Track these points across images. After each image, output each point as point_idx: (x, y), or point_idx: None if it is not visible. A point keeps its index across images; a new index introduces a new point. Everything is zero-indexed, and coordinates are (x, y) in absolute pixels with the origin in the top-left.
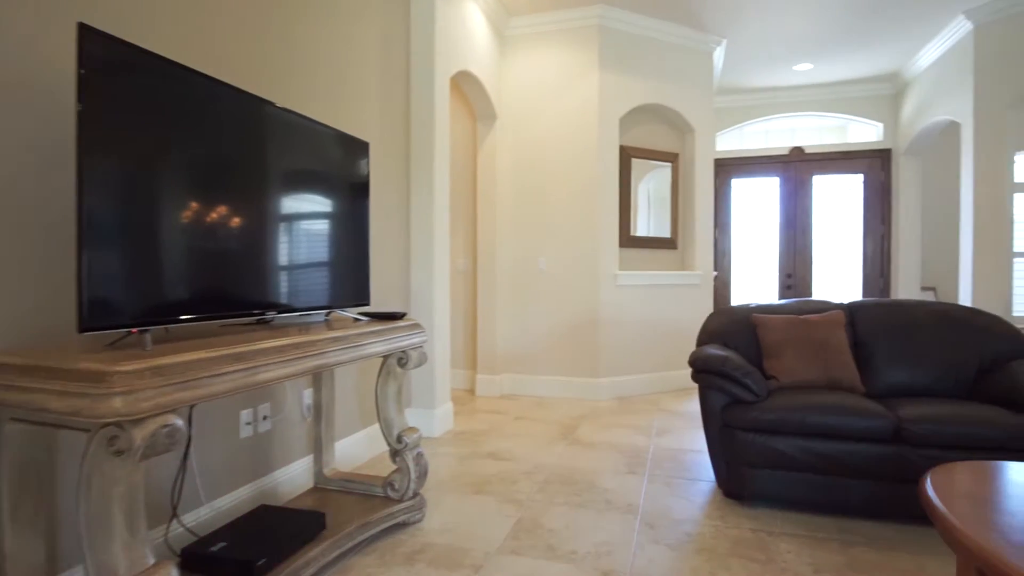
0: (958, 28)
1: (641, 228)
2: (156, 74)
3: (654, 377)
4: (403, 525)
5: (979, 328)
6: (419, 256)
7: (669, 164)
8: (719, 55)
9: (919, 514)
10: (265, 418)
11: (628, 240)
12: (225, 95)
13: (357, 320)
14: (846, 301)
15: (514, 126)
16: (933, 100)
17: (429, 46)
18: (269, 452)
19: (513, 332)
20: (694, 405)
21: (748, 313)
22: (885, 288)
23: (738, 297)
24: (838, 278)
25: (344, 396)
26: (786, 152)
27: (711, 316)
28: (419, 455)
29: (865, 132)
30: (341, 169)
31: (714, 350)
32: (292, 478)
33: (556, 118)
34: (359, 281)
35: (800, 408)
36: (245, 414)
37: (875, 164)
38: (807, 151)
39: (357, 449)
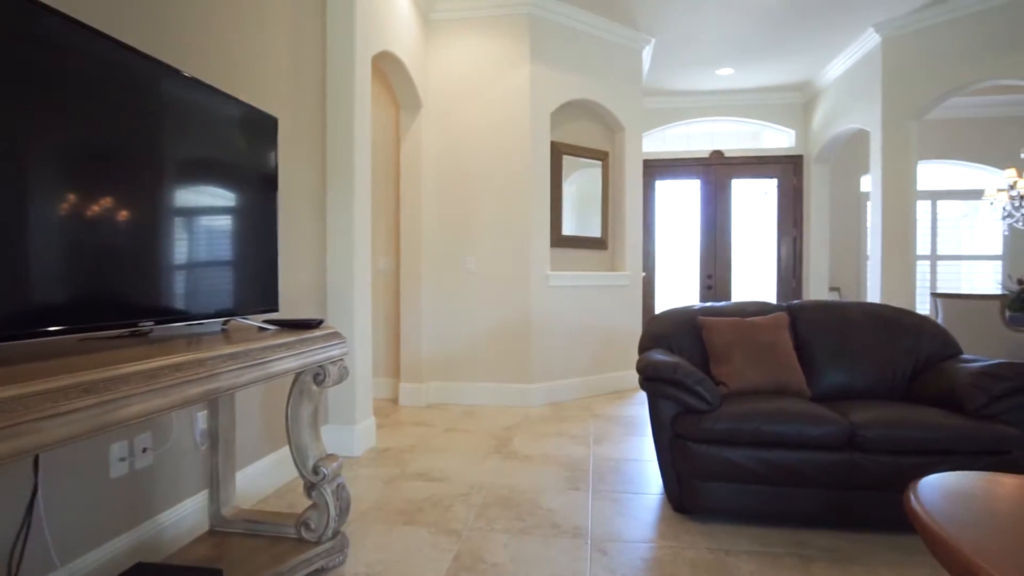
0: (867, 41)
1: (570, 227)
2: None
3: (586, 381)
4: (321, 572)
5: (910, 328)
6: (338, 254)
7: (599, 162)
8: (647, 54)
9: (870, 521)
10: (145, 451)
11: (559, 240)
12: (88, 44)
13: (263, 329)
14: (784, 302)
15: (440, 116)
16: (843, 109)
17: (349, 18)
18: (151, 492)
19: (440, 337)
20: (628, 409)
21: (693, 315)
22: (797, 289)
23: (662, 299)
24: (755, 279)
25: (247, 417)
26: (707, 155)
27: (653, 319)
28: (340, 487)
29: (778, 138)
30: (243, 149)
31: (662, 356)
32: (182, 521)
33: (485, 109)
34: (265, 283)
35: (754, 416)
36: (117, 448)
37: (788, 169)
38: (726, 155)
39: (264, 478)
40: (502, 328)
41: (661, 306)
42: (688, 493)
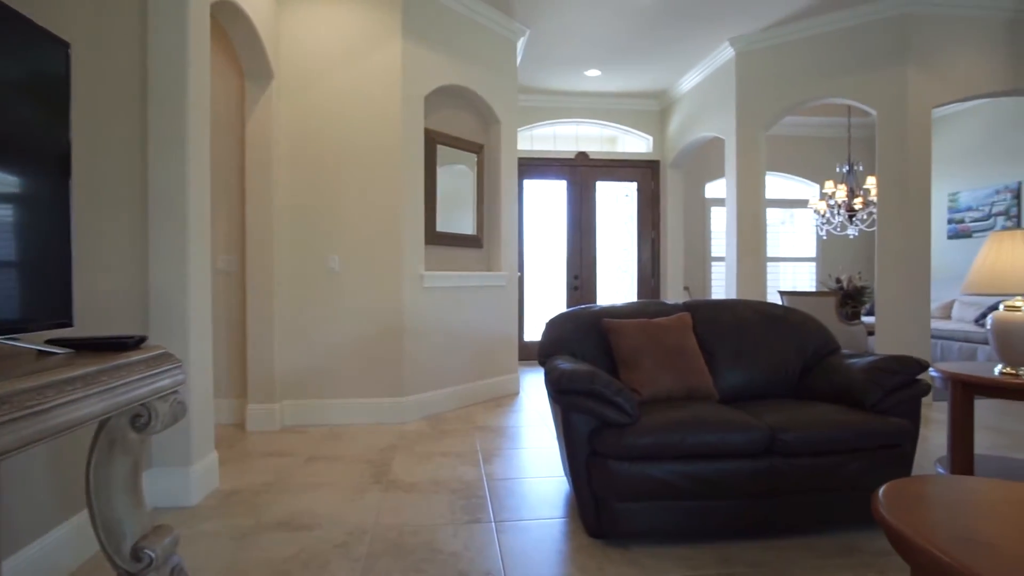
0: (722, 53)
1: (445, 223)
2: None
3: (464, 390)
4: None
5: (797, 326)
6: (165, 251)
7: (475, 155)
8: (521, 47)
9: (789, 527)
10: None
11: (434, 237)
12: None
13: (46, 354)
14: (680, 301)
15: (297, 90)
16: (698, 118)
17: None
18: None
19: (297, 348)
20: (511, 418)
21: (595, 318)
22: (656, 289)
23: (531, 300)
24: (618, 280)
25: (27, 475)
26: (573, 156)
27: (553, 322)
28: (177, 571)
29: (636, 143)
30: (13, 93)
31: (571, 364)
32: None
33: (351, 86)
34: (51, 287)
35: (678, 427)
36: None
37: (647, 174)
38: (591, 157)
39: (56, 556)
40: (371, 335)
41: (531, 308)
42: (607, 517)
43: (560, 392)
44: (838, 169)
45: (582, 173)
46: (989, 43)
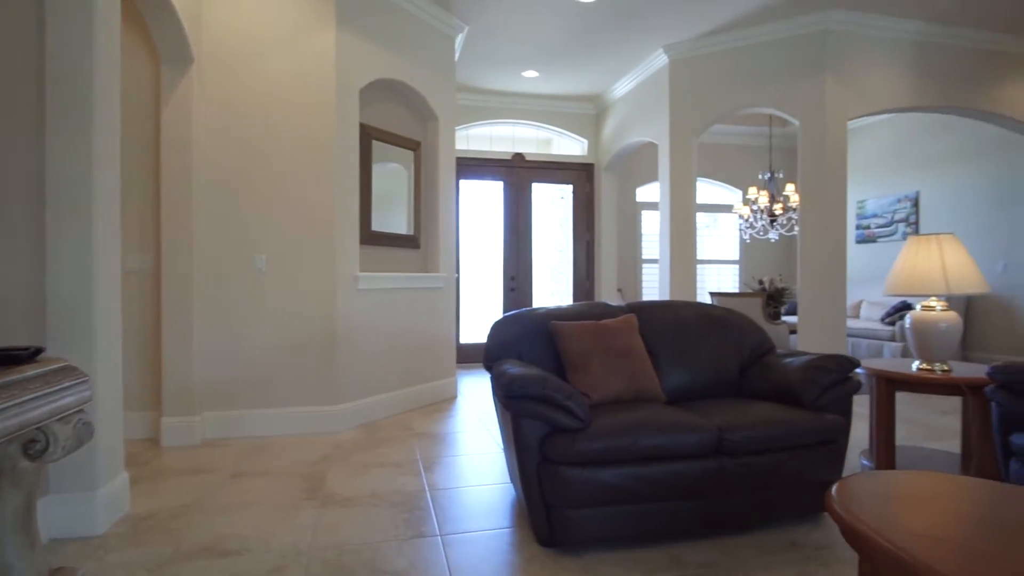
0: (656, 60)
1: (380, 223)
2: None
3: (400, 395)
4: None
5: (734, 326)
6: (66, 248)
7: (412, 152)
8: (460, 44)
9: (735, 525)
10: None
11: (369, 236)
12: None
13: None
14: (624, 303)
15: (221, 76)
16: (633, 122)
17: None
18: None
19: (220, 355)
20: (449, 424)
21: (542, 320)
22: (591, 290)
23: (468, 301)
24: (554, 281)
25: None
26: (509, 157)
27: (499, 325)
28: None
29: (571, 146)
30: None
31: (519, 368)
32: None
33: (281, 75)
34: None
35: (630, 430)
36: None
37: (582, 176)
38: (527, 158)
39: None
40: (302, 340)
41: (467, 310)
42: (559, 524)
43: (511, 398)
44: (760, 176)
45: (518, 174)
46: (897, 62)
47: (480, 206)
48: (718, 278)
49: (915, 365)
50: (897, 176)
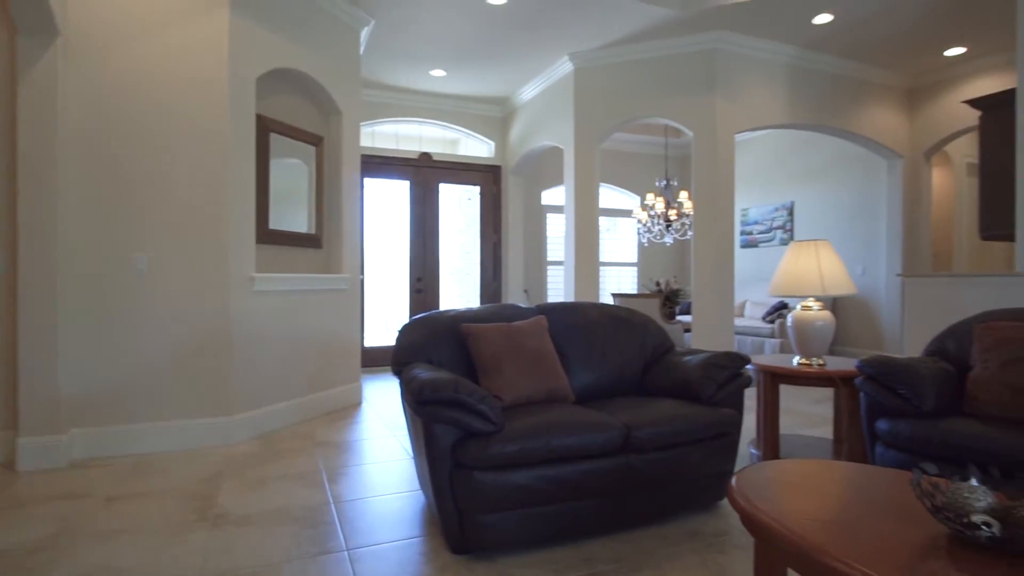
0: (562, 67)
1: (278, 221)
2: None
3: (302, 403)
4: None
5: (638, 326)
6: None
7: (314, 147)
8: (365, 37)
9: (642, 519)
10: None
11: (267, 235)
12: None
13: None
14: (534, 305)
15: (94, 54)
16: (539, 126)
17: None
18: None
19: (93, 365)
20: (355, 431)
21: (452, 322)
22: (497, 292)
23: (372, 303)
24: (461, 283)
25: None
26: (416, 157)
27: (408, 327)
28: None
29: (478, 147)
30: None
31: (429, 372)
32: None
33: (167, 57)
34: None
35: (543, 431)
36: None
37: (489, 178)
38: (434, 158)
39: None
40: (190, 347)
41: (372, 312)
42: (472, 530)
43: (422, 403)
44: (657, 183)
45: (425, 174)
46: (775, 82)
47: (386, 206)
48: (618, 280)
49: (795, 360)
50: (775, 187)
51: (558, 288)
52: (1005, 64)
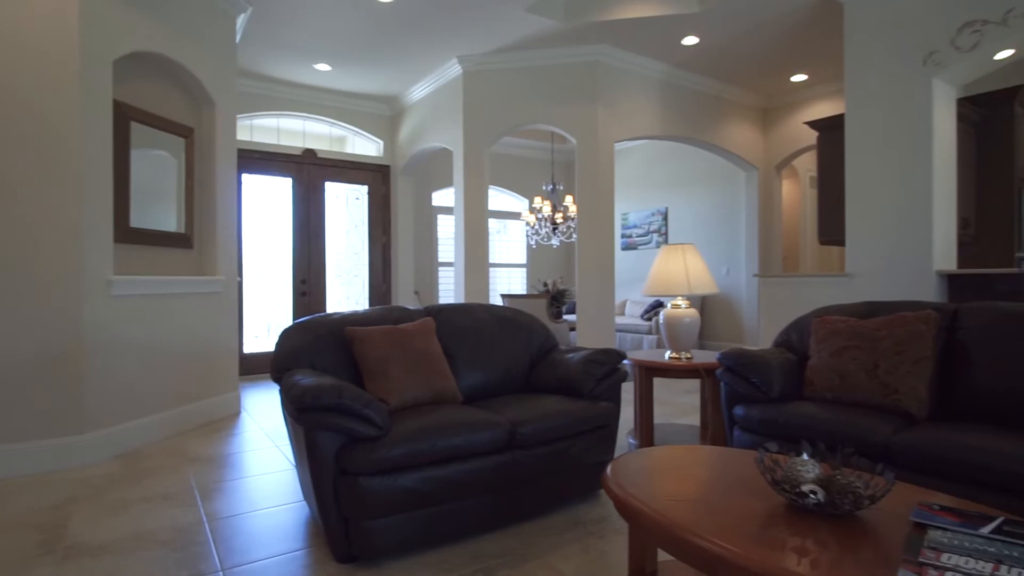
0: (451, 69)
1: (141, 218)
2: None
3: (171, 416)
4: None
5: (524, 326)
6: None
7: (183, 139)
8: (242, 24)
9: (528, 512)
10: None
11: (127, 234)
12: None
13: None
14: (421, 305)
15: None
16: (428, 127)
17: None
18: None
19: None
20: (233, 443)
21: (338, 326)
22: (387, 294)
23: (252, 307)
24: (349, 285)
25: None
26: (299, 153)
27: (289, 332)
28: None
29: (367, 146)
30: None
31: (311, 378)
32: None
33: (3, 31)
34: None
35: (429, 433)
36: None
37: (378, 178)
38: (320, 155)
39: None
40: (33, 359)
41: (252, 316)
42: (358, 538)
43: (303, 410)
44: (544, 187)
45: (310, 172)
46: (650, 96)
47: (267, 204)
48: (509, 280)
49: (667, 355)
50: (651, 193)
51: (449, 289)
52: (838, 91)
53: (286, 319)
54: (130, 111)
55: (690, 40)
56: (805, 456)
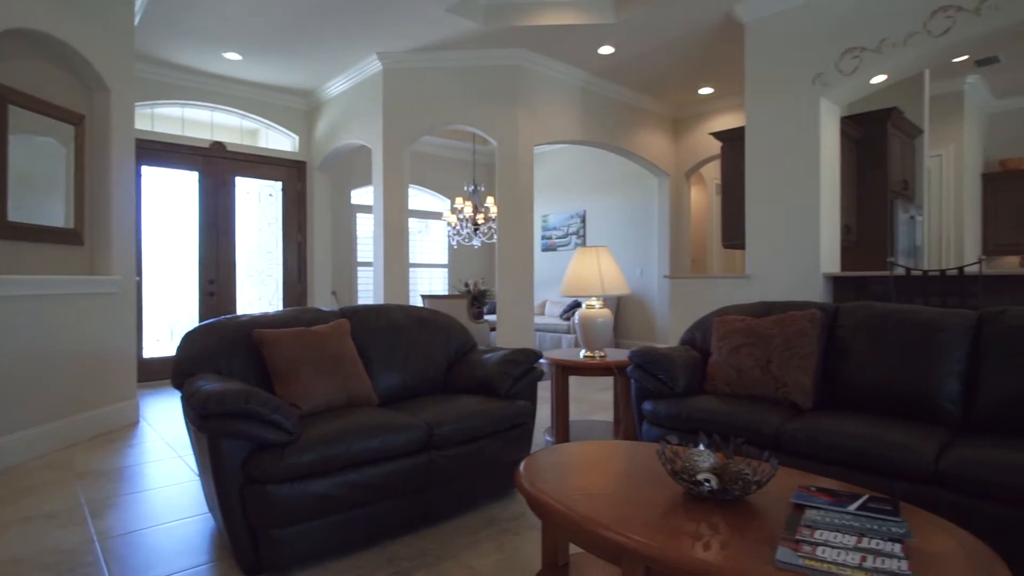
0: (371, 65)
1: (21, 211)
2: None
3: (57, 428)
4: None
5: (442, 327)
6: None
7: (72, 127)
8: (142, 5)
9: (444, 513)
10: None
11: (4, 229)
12: None
13: None
14: (338, 306)
15: None
16: (346, 124)
17: None
18: None
19: None
20: (128, 456)
21: (246, 328)
22: (303, 294)
23: (153, 309)
24: (261, 285)
25: None
26: (207, 146)
27: (192, 336)
28: None
29: (281, 141)
30: None
31: (216, 384)
32: None
33: None
34: None
35: (343, 436)
36: None
37: (293, 174)
38: (229, 148)
39: None
40: None
41: (152, 318)
42: (267, 548)
43: (207, 417)
44: (465, 188)
45: (219, 165)
46: (570, 102)
47: (170, 198)
48: (430, 281)
49: (582, 353)
50: (571, 196)
51: (369, 289)
52: (741, 105)
53: (191, 321)
54: (8, 93)
55: (607, 50)
56: (702, 447)
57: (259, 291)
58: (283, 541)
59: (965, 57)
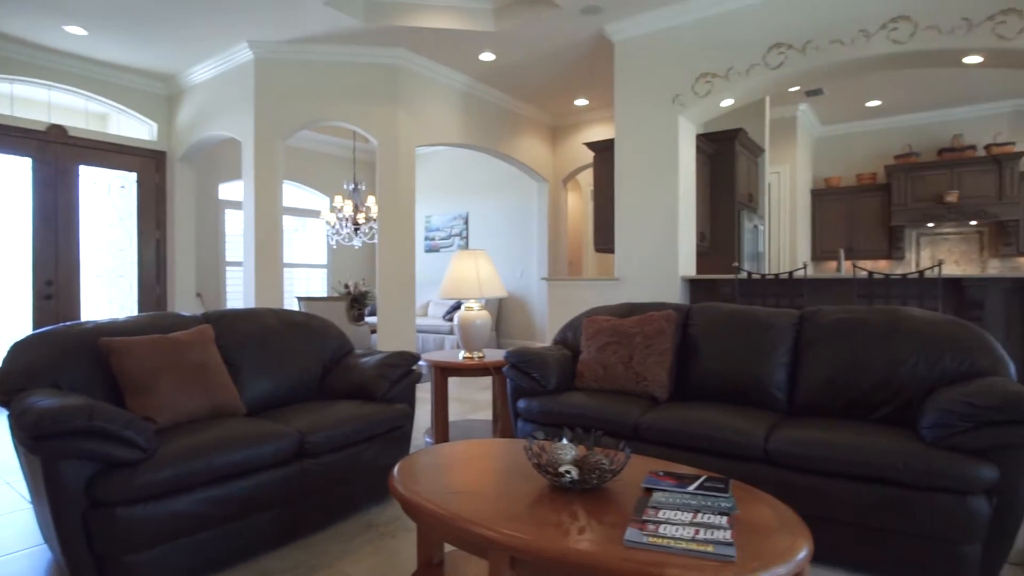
0: (241, 54)
1: None
2: None
3: None
4: None
5: (317, 331)
6: None
7: None
8: None
9: (318, 522)
10: None
11: None
12: None
13: None
14: (200, 312)
15: None
16: (214, 114)
17: None
18: None
19: None
20: None
21: (90, 336)
22: (163, 296)
23: None
24: (112, 287)
25: None
26: (43, 129)
27: (22, 346)
28: None
29: (136, 127)
30: None
31: (56, 399)
32: None
33: None
34: None
35: (203, 451)
36: None
37: (150, 165)
38: (72, 133)
39: None
40: None
41: None
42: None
43: (40, 438)
44: (345, 186)
45: (58, 152)
46: (452, 105)
47: None
48: (307, 282)
49: (461, 355)
50: (454, 198)
51: (238, 291)
52: (611, 117)
53: (24, 328)
54: None
55: (487, 56)
56: (565, 440)
57: (110, 293)
58: (137, 567)
59: (797, 88)
